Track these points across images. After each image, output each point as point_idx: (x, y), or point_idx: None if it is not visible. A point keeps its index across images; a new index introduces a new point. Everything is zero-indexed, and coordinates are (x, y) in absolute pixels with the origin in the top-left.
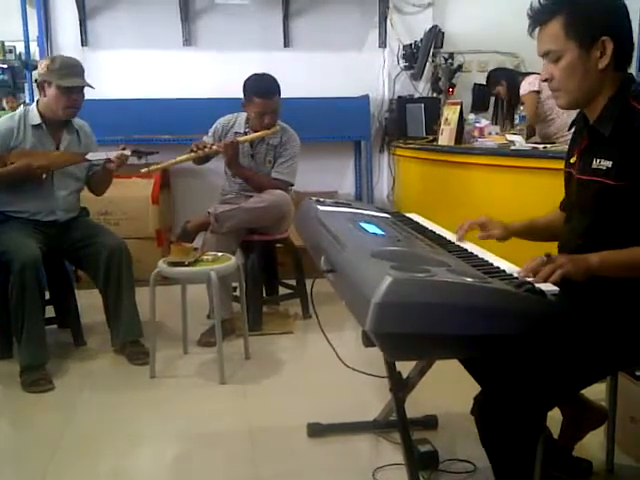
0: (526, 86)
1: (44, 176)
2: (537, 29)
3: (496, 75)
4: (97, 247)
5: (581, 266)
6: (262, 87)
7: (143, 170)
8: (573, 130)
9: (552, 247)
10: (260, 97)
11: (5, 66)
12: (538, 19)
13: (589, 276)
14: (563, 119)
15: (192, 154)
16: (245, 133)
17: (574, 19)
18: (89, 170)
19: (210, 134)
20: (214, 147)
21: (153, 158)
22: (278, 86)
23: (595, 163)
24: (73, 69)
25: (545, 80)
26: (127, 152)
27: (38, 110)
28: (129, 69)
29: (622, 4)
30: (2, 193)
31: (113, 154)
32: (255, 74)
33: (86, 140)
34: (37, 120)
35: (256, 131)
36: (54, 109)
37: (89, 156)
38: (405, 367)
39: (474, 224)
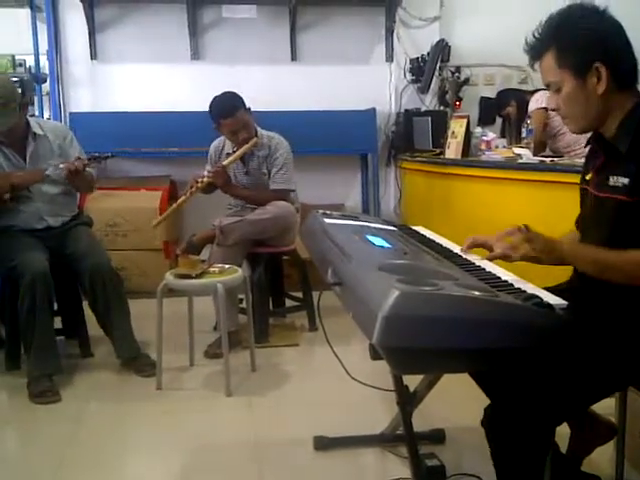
0: (533, 103)
1: (7, 196)
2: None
3: (505, 96)
4: (81, 266)
5: (552, 256)
6: (222, 108)
7: (154, 222)
8: (589, 147)
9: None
10: (224, 118)
11: (16, 79)
12: (533, 54)
13: (558, 263)
14: (573, 135)
15: (188, 194)
16: (234, 152)
17: (563, 51)
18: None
19: (208, 161)
20: (205, 179)
21: (113, 162)
22: (240, 100)
23: (612, 180)
24: None
25: (554, 110)
26: (80, 164)
27: None
28: (138, 82)
29: (612, 24)
30: None
31: (71, 164)
32: (215, 97)
33: (58, 141)
34: None
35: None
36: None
37: (51, 170)
38: (412, 380)
39: (479, 245)
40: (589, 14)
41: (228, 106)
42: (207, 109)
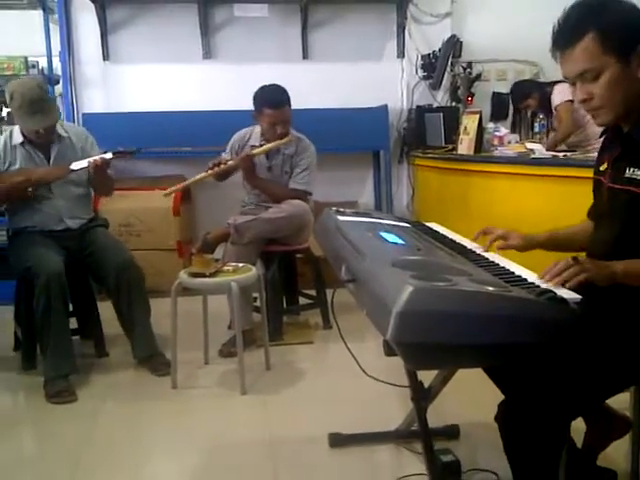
0: (558, 96)
1: (29, 190)
2: (562, 52)
3: (524, 87)
4: (105, 265)
5: (605, 273)
6: (272, 98)
7: (164, 192)
8: (603, 138)
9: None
10: (270, 108)
11: None
12: (567, 41)
13: (612, 283)
14: (593, 128)
15: (210, 172)
16: (261, 145)
17: (608, 33)
18: (89, 174)
19: (227, 150)
20: (230, 162)
21: (126, 162)
22: (288, 96)
23: (629, 172)
24: (32, 107)
25: (583, 101)
26: (107, 156)
27: (20, 129)
28: (150, 82)
29: None
30: (12, 213)
31: (97, 157)
32: (264, 85)
33: (80, 144)
34: (19, 139)
35: (270, 142)
36: (30, 138)
37: (77, 164)
38: (427, 376)
39: (495, 236)
40: None
41: (277, 97)
42: (219, 108)
